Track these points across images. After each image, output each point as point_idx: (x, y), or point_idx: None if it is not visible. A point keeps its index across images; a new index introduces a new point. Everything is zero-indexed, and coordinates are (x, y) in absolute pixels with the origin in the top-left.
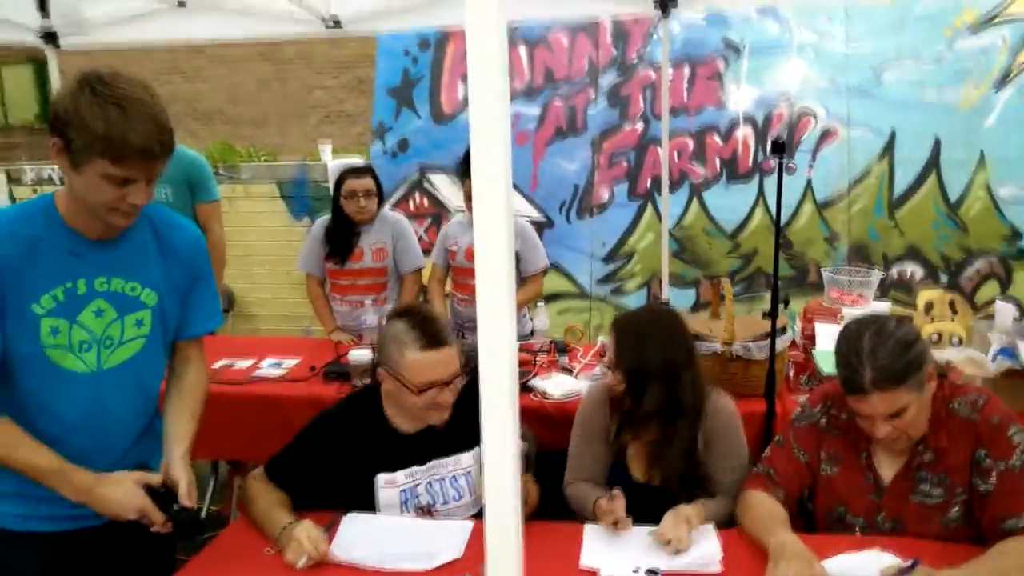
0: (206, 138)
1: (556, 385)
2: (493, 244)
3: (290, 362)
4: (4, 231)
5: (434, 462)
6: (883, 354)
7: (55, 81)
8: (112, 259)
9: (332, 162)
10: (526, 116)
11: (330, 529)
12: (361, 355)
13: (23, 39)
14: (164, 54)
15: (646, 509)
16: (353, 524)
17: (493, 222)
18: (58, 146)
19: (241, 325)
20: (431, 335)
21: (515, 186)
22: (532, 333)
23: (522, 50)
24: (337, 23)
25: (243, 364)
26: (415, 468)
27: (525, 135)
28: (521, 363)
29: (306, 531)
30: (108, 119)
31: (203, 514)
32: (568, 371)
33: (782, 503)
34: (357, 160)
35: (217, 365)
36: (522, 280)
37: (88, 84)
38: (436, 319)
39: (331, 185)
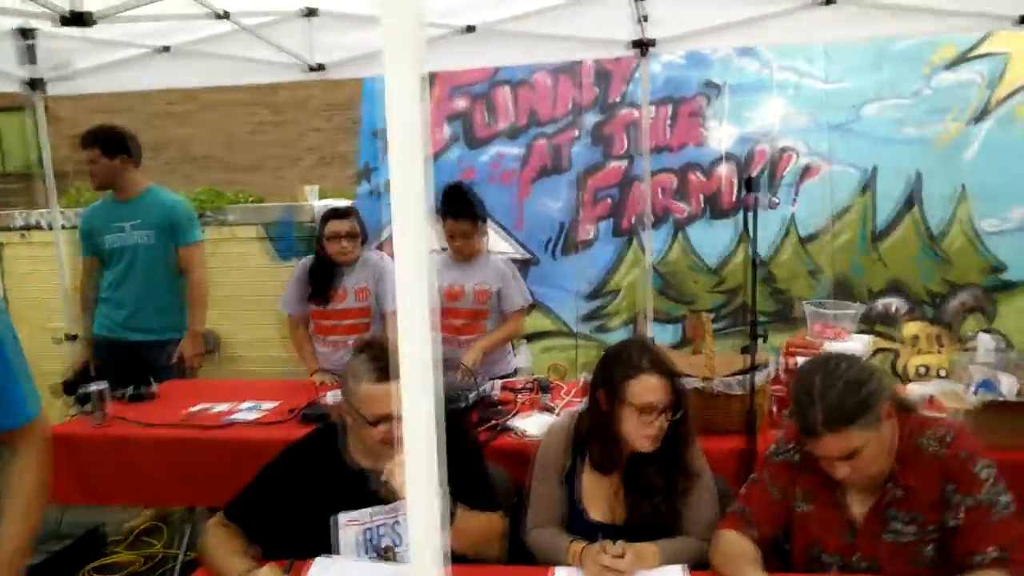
0: (201, 183)
1: (535, 424)
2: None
3: (268, 405)
4: None
5: (399, 503)
6: (833, 395)
7: (43, 127)
8: None
9: (318, 203)
10: (510, 156)
11: (288, 573)
12: (339, 396)
13: (9, 88)
14: (158, 99)
15: None
16: (321, 569)
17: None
18: None
19: (227, 366)
20: (385, 367)
21: (500, 225)
22: (515, 372)
23: (505, 91)
24: (321, 67)
25: (221, 407)
26: (378, 507)
27: (510, 174)
28: (503, 402)
29: (270, 572)
30: None
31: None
32: (549, 409)
33: (755, 542)
34: (341, 202)
35: (195, 409)
36: (503, 317)
37: None
38: (382, 352)
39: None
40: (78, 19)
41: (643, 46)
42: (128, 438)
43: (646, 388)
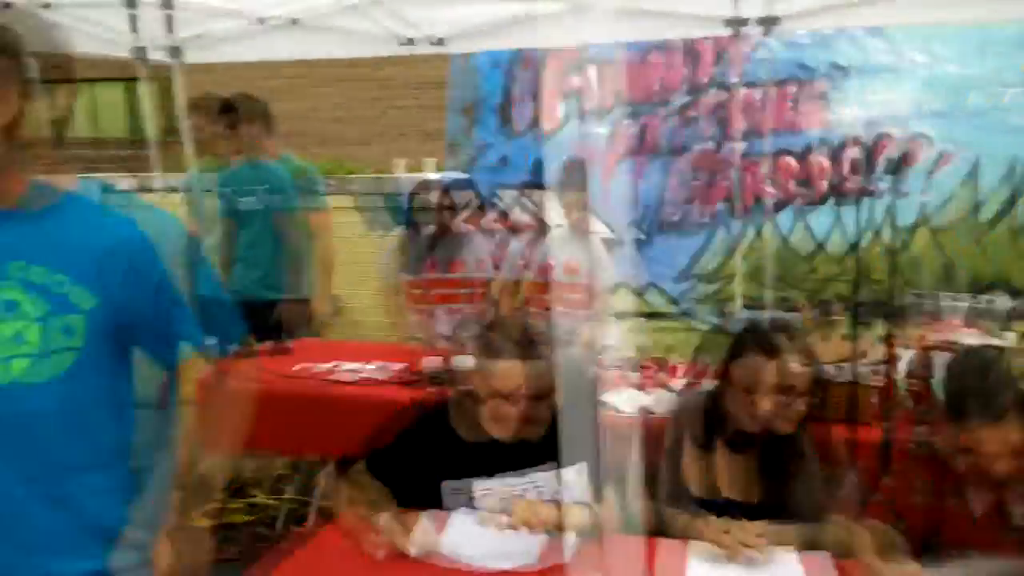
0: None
1: (627, 400)
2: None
3: (369, 366)
4: None
5: (504, 475)
6: (990, 387)
7: (179, 94)
8: (32, 239)
9: (408, 176)
10: (598, 135)
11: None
12: (435, 362)
13: (149, 55)
14: (265, 75)
15: None
16: (457, 519)
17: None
18: None
19: (343, 330)
20: (497, 344)
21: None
22: (605, 349)
23: (593, 70)
24: (441, 41)
25: (351, 365)
26: (484, 480)
27: (595, 153)
28: None
29: (409, 519)
30: None
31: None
32: (640, 387)
33: (902, 533)
34: (433, 175)
35: (328, 365)
36: None
37: None
38: (507, 330)
39: (408, 198)
40: None
41: (767, 23)
42: (269, 389)
43: (752, 369)
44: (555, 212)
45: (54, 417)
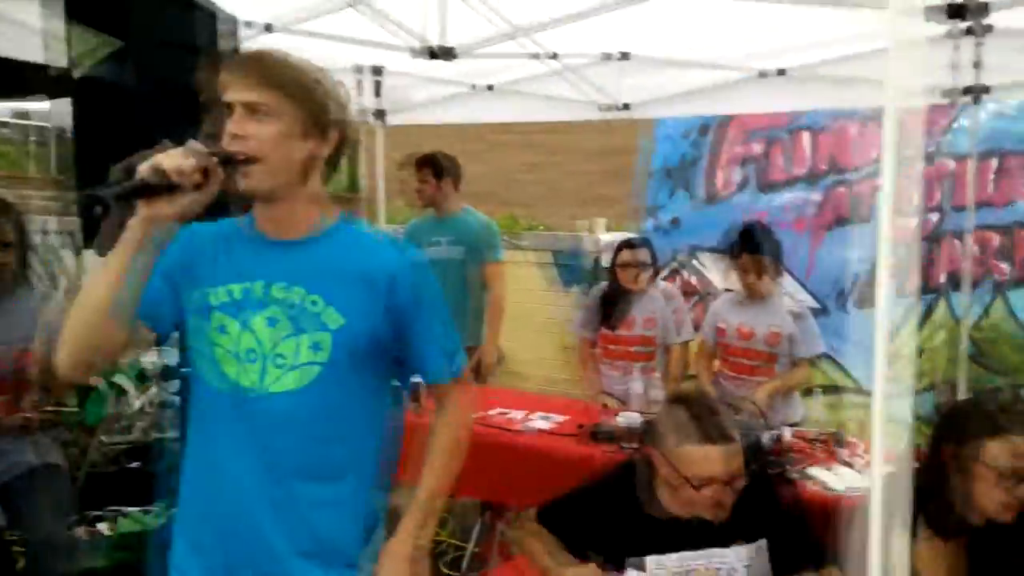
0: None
1: (838, 478)
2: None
3: (558, 418)
4: (205, 226)
5: (709, 551)
6: None
7: (380, 153)
8: (295, 264)
9: (604, 236)
10: (804, 202)
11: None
12: (629, 419)
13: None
14: (450, 140)
15: None
16: None
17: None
18: None
19: (506, 382)
20: (711, 428)
21: (790, 271)
22: (803, 421)
23: (805, 136)
24: (627, 107)
25: (516, 415)
26: (687, 554)
27: (804, 221)
28: (795, 449)
29: (592, 574)
30: None
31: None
32: (848, 464)
33: None
34: (633, 234)
35: (493, 412)
36: (791, 362)
37: None
38: (720, 412)
39: (601, 257)
40: (445, 53)
41: (976, 93)
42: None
43: (1010, 450)
44: (726, 276)
45: (293, 426)
